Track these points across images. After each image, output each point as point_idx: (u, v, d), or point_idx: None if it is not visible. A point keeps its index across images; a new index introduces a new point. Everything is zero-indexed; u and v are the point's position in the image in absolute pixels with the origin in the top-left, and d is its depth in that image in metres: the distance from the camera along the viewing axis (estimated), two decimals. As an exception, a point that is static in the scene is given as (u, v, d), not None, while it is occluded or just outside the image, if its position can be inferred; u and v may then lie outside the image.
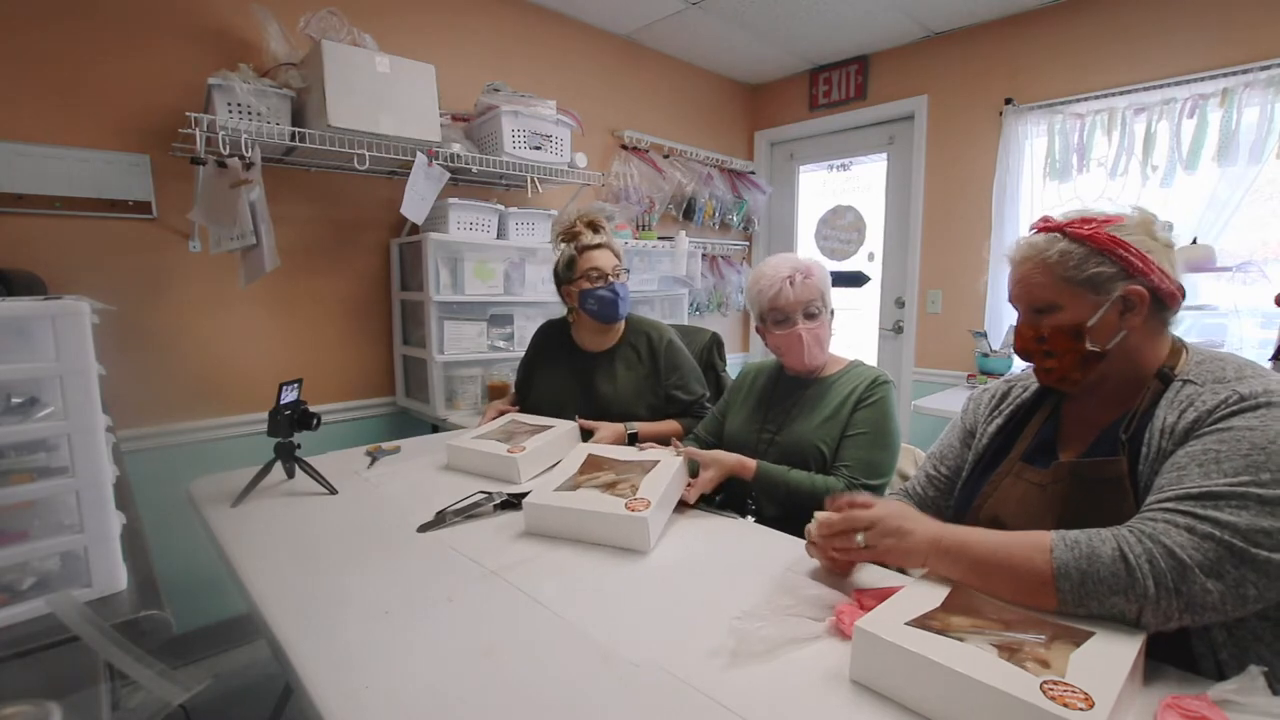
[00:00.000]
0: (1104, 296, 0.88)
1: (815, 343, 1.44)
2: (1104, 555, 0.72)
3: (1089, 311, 0.89)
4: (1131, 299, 0.88)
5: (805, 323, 1.43)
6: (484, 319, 2.42)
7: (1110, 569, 0.71)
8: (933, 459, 1.18)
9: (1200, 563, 0.69)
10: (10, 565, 0.80)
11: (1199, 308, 2.56)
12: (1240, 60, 2.39)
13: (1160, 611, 0.70)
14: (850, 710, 0.70)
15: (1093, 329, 0.89)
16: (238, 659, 2.13)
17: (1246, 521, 0.70)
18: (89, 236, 1.89)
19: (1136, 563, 0.71)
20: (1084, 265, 0.88)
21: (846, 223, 3.70)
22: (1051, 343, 0.92)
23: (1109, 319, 0.88)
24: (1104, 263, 0.88)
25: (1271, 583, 0.69)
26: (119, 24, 1.90)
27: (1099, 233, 0.88)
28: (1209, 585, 0.69)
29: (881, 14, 2.97)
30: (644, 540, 1.09)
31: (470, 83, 2.57)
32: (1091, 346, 0.89)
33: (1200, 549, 0.70)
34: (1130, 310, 0.88)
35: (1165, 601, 0.70)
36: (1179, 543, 0.71)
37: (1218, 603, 0.69)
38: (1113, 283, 0.88)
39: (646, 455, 1.35)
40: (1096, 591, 0.72)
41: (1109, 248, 0.88)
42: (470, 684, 0.74)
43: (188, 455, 2.08)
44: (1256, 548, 0.69)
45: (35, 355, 0.82)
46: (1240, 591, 0.69)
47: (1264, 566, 0.69)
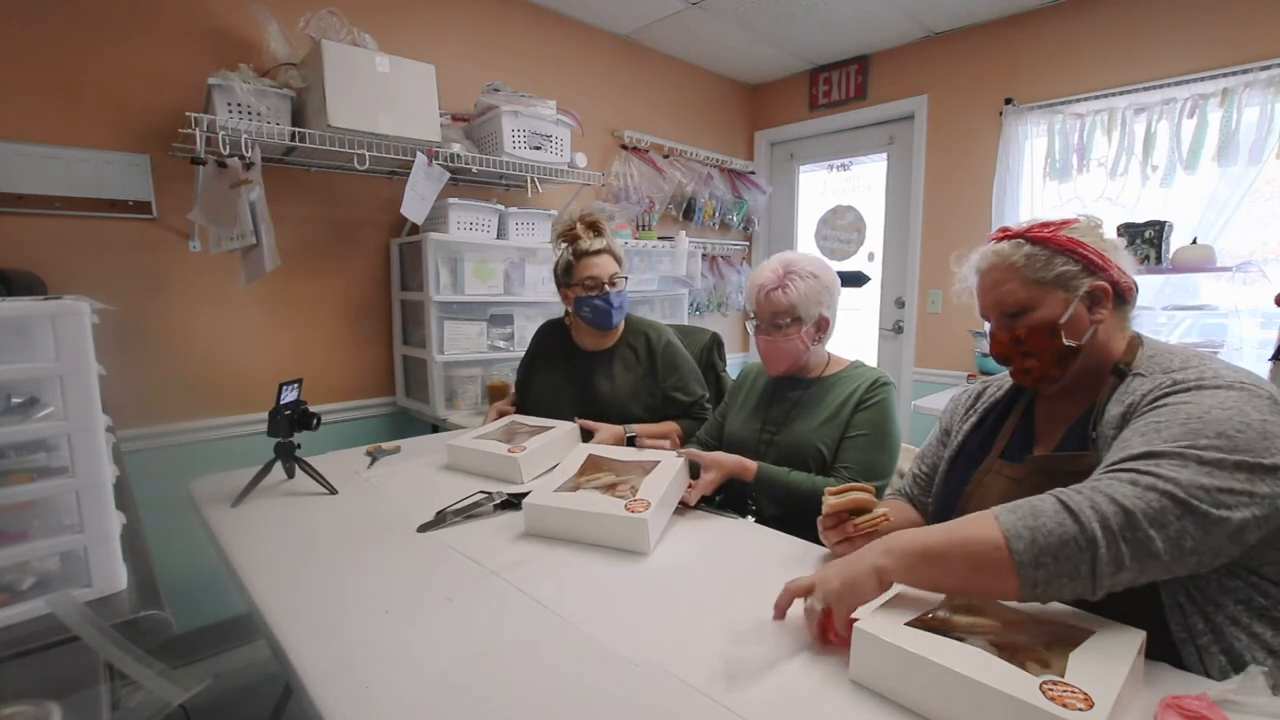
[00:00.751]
0: (1072, 293, 0.93)
1: (773, 353, 1.44)
2: (1045, 509, 0.73)
3: (1061, 308, 0.93)
4: (1097, 294, 0.93)
5: (768, 333, 1.43)
6: (484, 319, 2.42)
7: (1054, 519, 0.72)
8: (917, 459, 1.23)
9: (1144, 510, 0.70)
10: (10, 565, 0.80)
11: (1199, 308, 2.56)
12: (1240, 60, 2.39)
13: (1111, 559, 0.70)
14: (850, 710, 0.70)
15: (1066, 325, 0.93)
16: (238, 659, 2.13)
17: (1187, 477, 0.72)
18: (89, 236, 1.89)
19: (1079, 509, 0.72)
20: (1050, 265, 0.93)
21: (846, 223, 3.70)
22: (1029, 343, 0.96)
23: (1079, 314, 0.93)
24: (1068, 262, 0.93)
25: (1207, 537, 0.71)
26: (119, 24, 1.90)
27: (1057, 235, 0.94)
28: (1152, 533, 0.70)
29: (881, 14, 2.97)
30: (644, 542, 1.08)
31: (470, 83, 2.57)
32: (1068, 342, 0.93)
33: (1144, 498, 0.71)
34: (1097, 304, 0.93)
35: (1113, 547, 0.70)
36: (1123, 493, 0.72)
37: (1159, 552, 0.70)
38: (1078, 280, 0.93)
39: (647, 456, 1.35)
40: (1049, 545, 0.71)
41: (1069, 248, 0.93)
42: (470, 684, 0.74)
43: (188, 455, 2.08)
44: (1197, 500, 0.71)
45: (35, 355, 0.82)
46: (1180, 544, 0.70)
47: (1203, 520, 0.70)
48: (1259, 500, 0.72)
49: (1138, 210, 2.62)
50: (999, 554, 0.72)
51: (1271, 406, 0.77)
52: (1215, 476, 0.72)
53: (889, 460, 1.38)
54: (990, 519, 0.75)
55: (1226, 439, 0.73)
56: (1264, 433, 0.74)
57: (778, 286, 1.40)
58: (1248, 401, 0.77)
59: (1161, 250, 2.48)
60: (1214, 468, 0.72)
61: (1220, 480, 0.72)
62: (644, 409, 1.75)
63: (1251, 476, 0.72)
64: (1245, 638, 0.77)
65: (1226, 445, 0.73)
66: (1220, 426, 0.74)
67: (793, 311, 1.39)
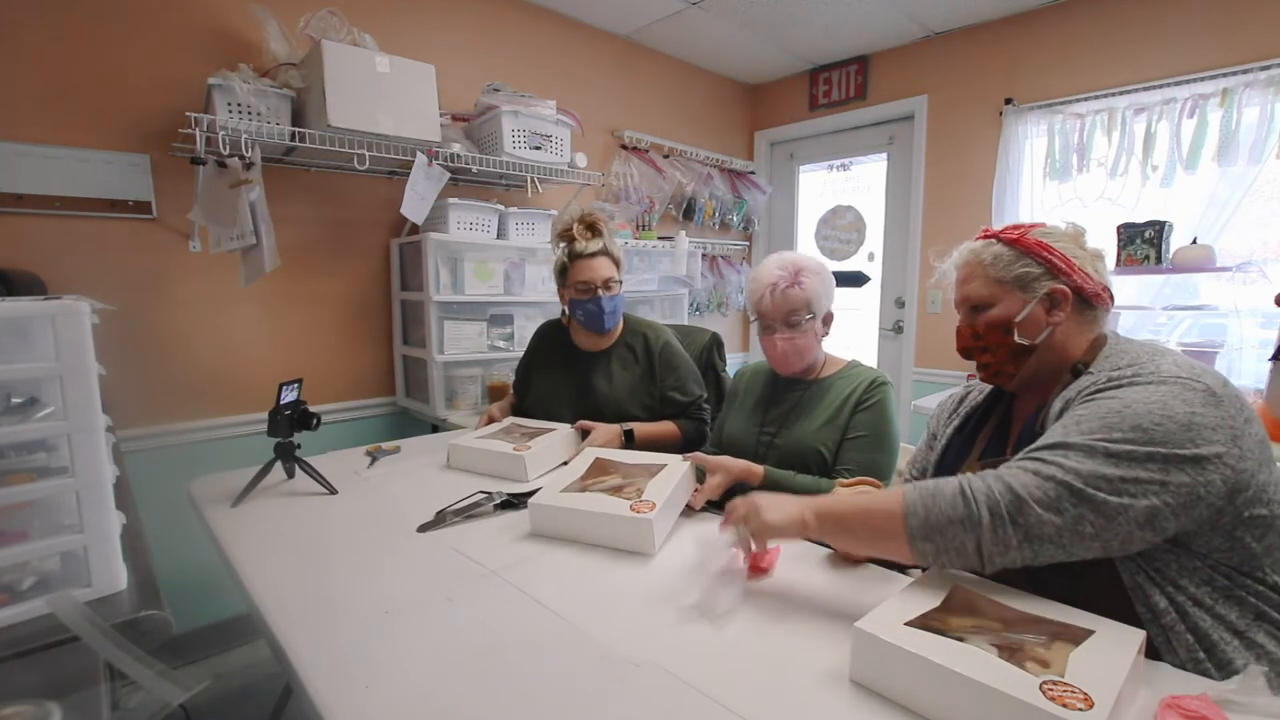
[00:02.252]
0: (1030, 294, 0.97)
1: (793, 351, 1.44)
2: (946, 491, 0.81)
3: (1018, 307, 0.97)
4: (1056, 296, 0.96)
5: (784, 331, 1.42)
6: (484, 319, 2.42)
7: (950, 501, 0.80)
8: (909, 463, 1.26)
9: (1039, 499, 0.76)
10: (10, 565, 0.80)
11: (1199, 308, 2.56)
12: (1240, 60, 2.39)
13: (998, 540, 0.77)
14: (850, 710, 0.70)
15: (1021, 324, 0.97)
16: (238, 659, 2.13)
17: (1089, 468, 0.76)
18: (89, 236, 1.89)
19: (973, 494, 0.79)
20: (1012, 266, 0.98)
21: (846, 223, 3.70)
22: (986, 338, 1.01)
23: (1036, 314, 0.97)
24: (1030, 264, 0.97)
25: (1109, 524, 0.75)
26: (119, 24, 1.90)
27: (1026, 237, 0.99)
28: (1045, 516, 0.76)
29: (881, 14, 2.97)
30: (649, 543, 1.08)
31: (470, 83, 2.57)
32: (1020, 340, 0.97)
33: (1041, 487, 0.77)
34: (1056, 307, 0.97)
35: (1000, 529, 0.77)
36: (1021, 481, 0.78)
37: (1055, 535, 0.76)
38: (1039, 282, 0.97)
39: (653, 459, 1.34)
40: (938, 523, 0.80)
41: (1035, 250, 0.97)
42: (470, 684, 0.74)
43: (188, 455, 2.08)
44: (1095, 490, 0.75)
45: (35, 355, 0.82)
46: (1079, 529, 0.75)
47: (1101, 508, 0.75)
48: (1172, 489, 0.75)
49: (1138, 210, 2.62)
50: (896, 526, 0.83)
51: (1205, 399, 0.78)
52: (1120, 467, 0.75)
53: (889, 460, 1.38)
54: (899, 494, 0.85)
55: (1141, 431, 0.77)
56: (1188, 424, 0.76)
57: (792, 283, 1.41)
58: (1176, 395, 0.79)
59: (1161, 250, 2.48)
60: (1121, 459, 0.76)
61: (1125, 470, 0.75)
62: (641, 409, 1.75)
63: (1166, 466, 0.75)
64: (1210, 619, 0.78)
65: (1140, 438, 0.76)
66: (1138, 420, 0.78)
67: (809, 306, 1.41)
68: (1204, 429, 0.76)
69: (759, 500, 0.95)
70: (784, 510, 0.93)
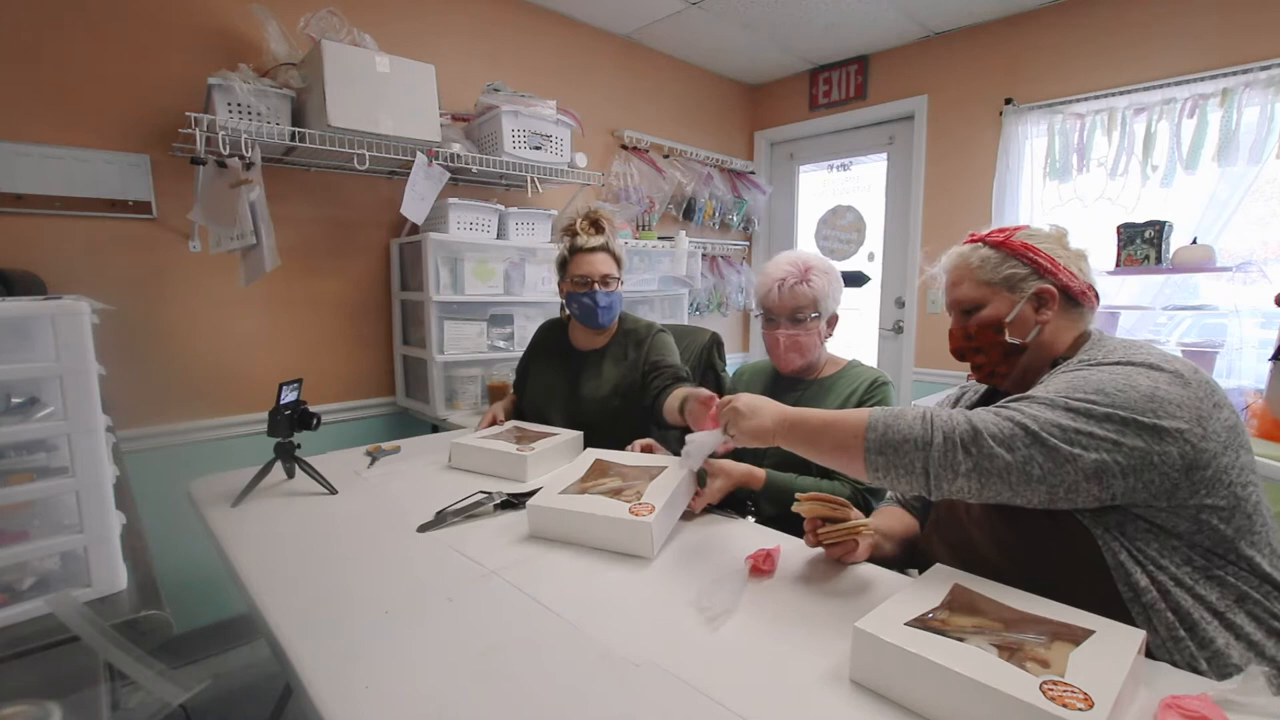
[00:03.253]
0: (1019, 294, 1.00)
1: (794, 348, 1.45)
2: (908, 414, 0.86)
3: (1008, 308, 1.00)
4: (1043, 296, 0.99)
5: (788, 327, 1.44)
6: (484, 319, 2.42)
7: (909, 422, 0.85)
8: None
9: (994, 434, 0.80)
10: (10, 565, 0.80)
11: (1199, 308, 2.56)
12: (1240, 60, 2.39)
13: (946, 463, 0.81)
14: (850, 710, 0.70)
15: (1012, 324, 1.00)
16: (238, 659, 2.13)
17: (1046, 416, 0.80)
18: (89, 236, 1.89)
19: (933, 418, 0.84)
20: (1000, 267, 1.01)
21: (846, 223, 3.70)
22: (978, 339, 1.03)
23: (1025, 314, 0.99)
24: (1017, 265, 1.00)
25: (1057, 469, 0.78)
26: (119, 24, 1.90)
27: (1011, 239, 1.02)
28: (997, 450, 0.79)
29: (881, 14, 2.97)
30: (648, 546, 1.08)
31: (470, 83, 2.57)
32: (1012, 339, 1.00)
33: (998, 425, 0.81)
34: (1044, 306, 0.99)
35: (950, 454, 0.81)
36: (981, 417, 0.82)
37: (1003, 470, 0.79)
38: (1026, 282, 0.99)
39: (654, 461, 1.34)
40: (894, 440, 0.84)
41: (1020, 252, 1.00)
42: (470, 684, 0.74)
43: (188, 455, 2.08)
44: (1048, 434, 0.79)
45: (35, 355, 0.82)
46: (1027, 469, 0.79)
47: (1051, 453, 0.78)
48: (1125, 450, 0.77)
49: (1138, 210, 2.62)
50: (856, 438, 0.87)
51: (1172, 379, 0.81)
52: (1077, 420, 0.79)
53: (889, 460, 1.38)
54: (867, 411, 0.89)
55: (1104, 395, 0.80)
56: (1150, 396, 0.79)
57: (801, 280, 1.42)
58: (1143, 374, 0.82)
59: (1161, 250, 2.48)
60: (1078, 414, 0.79)
61: (1081, 424, 0.79)
62: (629, 402, 1.71)
63: (1122, 428, 0.78)
64: (1190, 598, 0.80)
65: (1102, 400, 0.80)
66: (1100, 385, 0.81)
67: (815, 305, 1.43)
68: (1167, 403, 0.79)
69: (740, 403, 1.02)
70: (759, 416, 0.99)
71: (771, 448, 1.42)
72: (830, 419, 0.93)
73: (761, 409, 1.00)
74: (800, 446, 0.96)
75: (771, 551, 1.03)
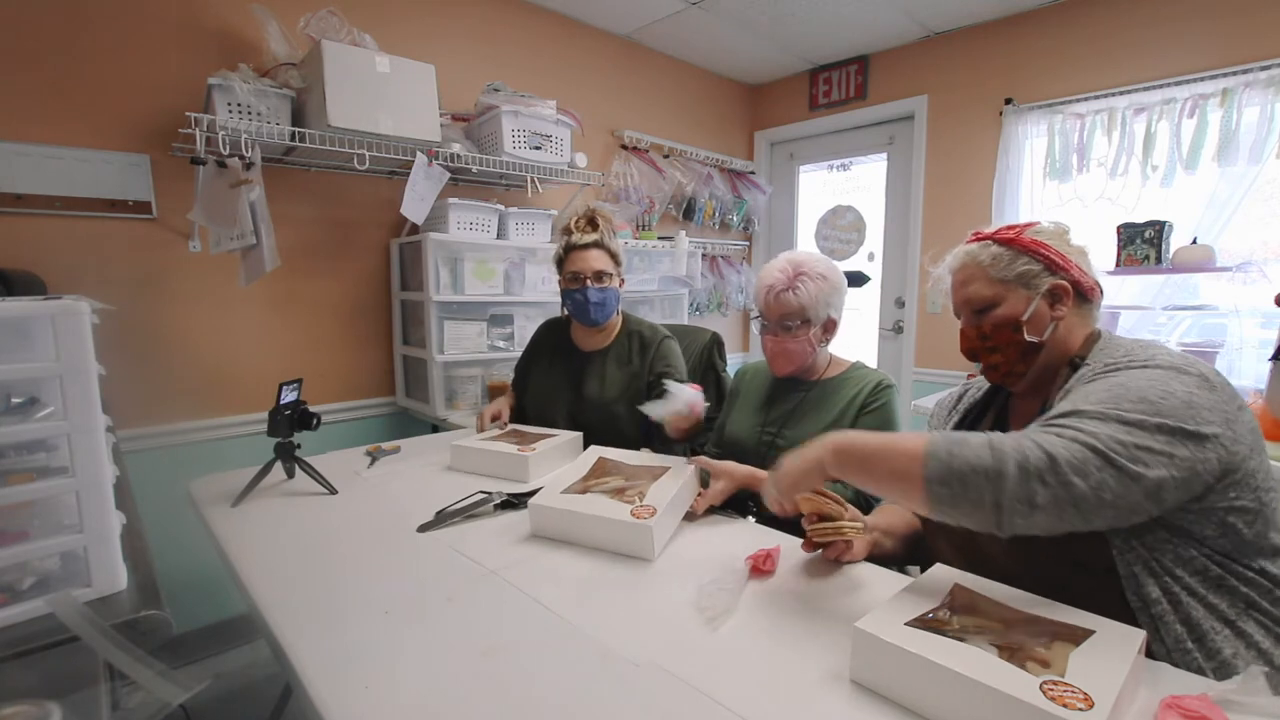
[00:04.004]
0: (1033, 291, 0.98)
1: (781, 354, 1.44)
2: (973, 440, 0.78)
3: (1024, 305, 0.98)
4: (1057, 292, 0.98)
5: (776, 334, 1.43)
6: (484, 319, 2.42)
7: (975, 449, 0.77)
8: None
9: (1068, 460, 0.74)
10: (10, 565, 0.80)
11: (1199, 308, 2.56)
12: (1240, 60, 2.39)
13: (1022, 495, 0.73)
14: (850, 710, 0.70)
15: (1028, 321, 0.98)
16: (238, 659, 2.13)
17: (1107, 432, 0.76)
18: (89, 236, 1.88)
19: (1001, 446, 0.76)
20: (1013, 264, 0.99)
21: (846, 223, 3.70)
22: (994, 338, 1.01)
23: (1041, 311, 0.98)
24: (1030, 261, 0.99)
25: (1125, 491, 0.74)
26: (119, 24, 1.90)
27: (1021, 237, 1.00)
28: (1073, 479, 0.73)
29: (881, 14, 2.97)
30: (648, 548, 1.08)
31: (470, 83, 2.57)
32: (1029, 337, 0.98)
33: (1068, 449, 0.75)
34: (1058, 302, 0.98)
35: (1026, 485, 0.73)
36: (1049, 441, 0.76)
37: (1080, 499, 0.73)
38: (1040, 278, 0.98)
39: (657, 461, 1.33)
40: (960, 470, 0.76)
41: (1032, 249, 0.99)
42: (470, 684, 0.74)
43: (188, 455, 2.08)
44: (1115, 454, 0.74)
45: (35, 355, 0.82)
46: (1100, 495, 0.74)
47: (1120, 473, 0.74)
48: (1177, 462, 0.75)
49: (1138, 210, 2.62)
50: (914, 466, 0.79)
51: (1200, 383, 0.80)
52: (1134, 434, 0.76)
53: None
54: (924, 437, 0.82)
55: (1148, 404, 0.78)
56: (1188, 403, 0.78)
57: (788, 288, 1.39)
58: (1174, 378, 0.81)
59: (1161, 250, 2.48)
60: (1134, 427, 0.76)
61: (1138, 438, 0.75)
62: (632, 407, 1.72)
63: (1171, 439, 0.76)
64: (1202, 608, 0.79)
65: (1149, 409, 0.77)
66: (1143, 393, 0.79)
67: (802, 313, 1.39)
68: (1202, 409, 0.78)
69: (775, 473, 0.97)
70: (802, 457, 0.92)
71: (773, 450, 1.44)
72: (884, 443, 0.85)
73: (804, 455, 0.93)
74: (853, 474, 0.88)
75: (771, 551, 1.03)
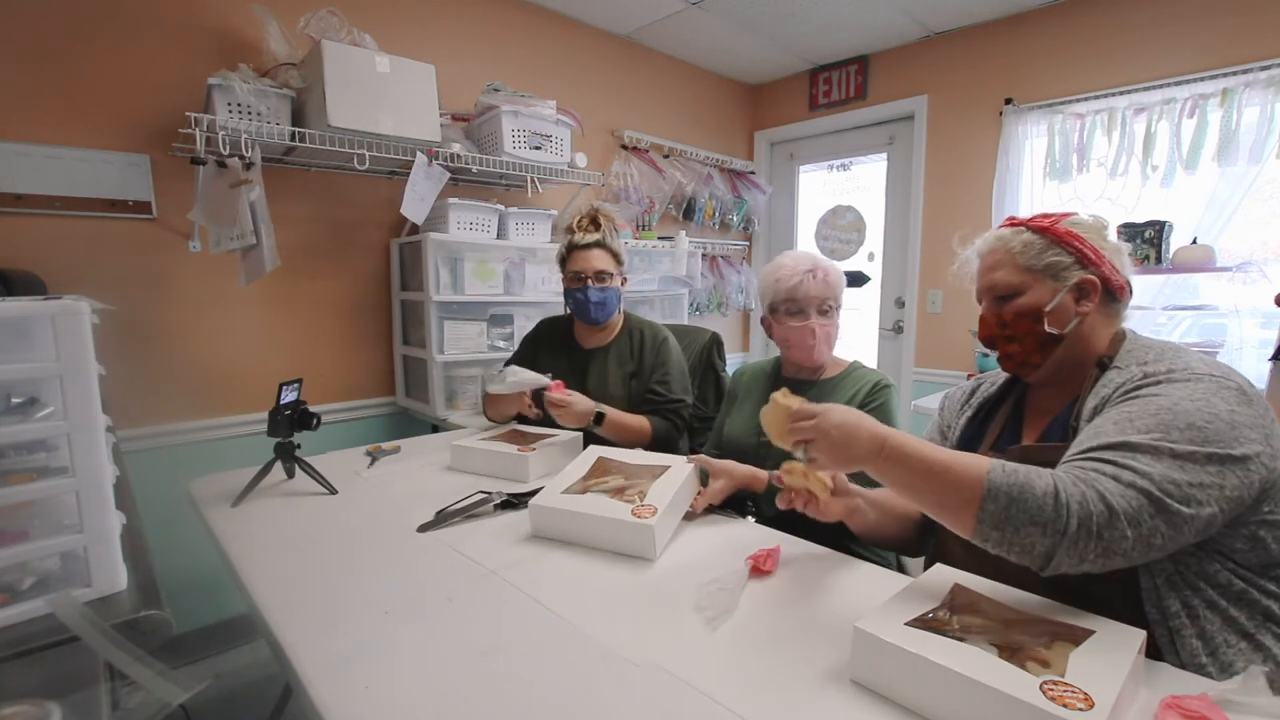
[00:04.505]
0: (1060, 283, 0.96)
1: (825, 340, 1.46)
2: (1037, 488, 0.74)
3: (1048, 296, 0.96)
4: (1085, 287, 0.95)
5: (819, 318, 1.44)
6: (484, 319, 2.42)
7: (1039, 502, 0.73)
8: None
9: (1125, 510, 0.72)
10: (10, 565, 0.80)
11: (1199, 308, 2.56)
12: (1240, 60, 2.39)
13: (1075, 552, 0.72)
14: (850, 710, 0.70)
15: (1051, 313, 0.95)
16: (238, 659, 2.13)
17: (1160, 471, 0.73)
18: (89, 236, 1.88)
19: (1067, 501, 0.72)
20: (1043, 254, 0.96)
21: (846, 223, 3.70)
22: (1014, 327, 0.99)
23: (1066, 304, 0.95)
24: (1061, 253, 0.96)
25: (1176, 535, 0.73)
26: (119, 24, 1.90)
27: (1057, 226, 0.97)
28: (1127, 533, 0.72)
29: (881, 14, 2.97)
30: (650, 548, 1.08)
31: (470, 83, 2.57)
32: (1050, 329, 0.96)
33: (1126, 497, 0.72)
34: (1084, 297, 0.96)
35: (1083, 543, 0.72)
36: (1109, 489, 0.73)
37: (1129, 549, 0.72)
38: (1069, 271, 0.96)
39: (658, 460, 1.33)
40: (1016, 519, 0.73)
41: (1065, 240, 0.96)
42: (470, 684, 0.74)
43: (188, 455, 2.08)
44: (1168, 497, 0.72)
45: (35, 355, 0.82)
46: (1150, 541, 0.72)
47: (1173, 518, 0.72)
48: (1227, 493, 0.74)
49: (1138, 210, 2.62)
50: (968, 505, 0.76)
51: (1239, 397, 0.79)
52: (1187, 470, 0.74)
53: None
54: (982, 470, 0.76)
55: (1196, 430, 0.75)
56: (1231, 423, 0.76)
57: (825, 272, 1.45)
58: (1215, 393, 0.79)
59: (1161, 250, 2.48)
60: (1186, 460, 0.74)
61: (1191, 475, 0.73)
62: (632, 406, 1.74)
63: (1221, 469, 0.74)
64: (1220, 620, 0.78)
65: (1197, 437, 0.75)
66: (1190, 418, 0.76)
67: (835, 297, 1.46)
68: (1244, 427, 0.76)
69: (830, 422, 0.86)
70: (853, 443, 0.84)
71: (772, 451, 1.44)
72: (941, 466, 0.79)
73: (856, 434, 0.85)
74: (894, 482, 0.84)
75: (771, 551, 1.03)
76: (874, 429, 0.85)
